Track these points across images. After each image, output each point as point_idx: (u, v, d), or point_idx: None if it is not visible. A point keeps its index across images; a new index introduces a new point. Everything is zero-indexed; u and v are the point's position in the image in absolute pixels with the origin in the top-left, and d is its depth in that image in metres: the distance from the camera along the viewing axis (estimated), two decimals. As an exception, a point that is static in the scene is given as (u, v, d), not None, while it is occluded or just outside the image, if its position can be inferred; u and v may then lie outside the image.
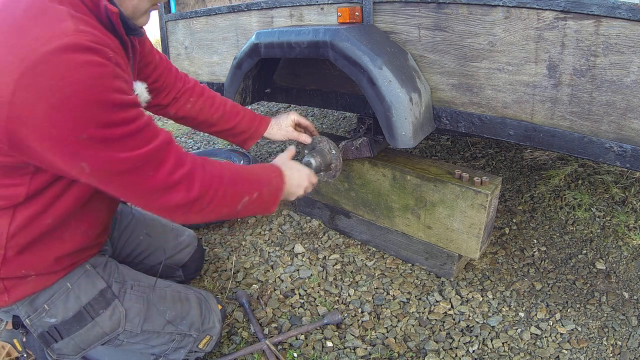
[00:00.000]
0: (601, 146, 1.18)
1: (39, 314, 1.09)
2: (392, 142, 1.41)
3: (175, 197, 0.96)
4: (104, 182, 0.90)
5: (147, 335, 1.21)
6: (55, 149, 0.82)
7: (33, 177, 0.94)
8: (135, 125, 0.88)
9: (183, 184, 0.96)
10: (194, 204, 0.99)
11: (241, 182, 1.09)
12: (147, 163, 0.90)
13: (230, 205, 1.07)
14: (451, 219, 1.64)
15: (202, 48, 2.21)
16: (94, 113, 0.80)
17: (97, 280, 1.16)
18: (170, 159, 0.95)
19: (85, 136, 0.81)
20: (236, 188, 1.07)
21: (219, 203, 1.04)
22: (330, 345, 1.49)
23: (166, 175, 0.93)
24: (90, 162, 0.84)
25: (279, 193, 1.22)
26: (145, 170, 0.91)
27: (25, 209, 0.97)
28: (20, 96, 0.76)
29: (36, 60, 0.75)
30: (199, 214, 1.02)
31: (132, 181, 0.91)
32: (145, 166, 0.90)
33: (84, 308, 1.11)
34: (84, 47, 0.79)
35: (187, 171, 0.97)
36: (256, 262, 1.93)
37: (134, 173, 0.90)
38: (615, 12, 1.04)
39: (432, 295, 1.69)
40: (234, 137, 1.57)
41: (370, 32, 1.46)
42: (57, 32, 0.78)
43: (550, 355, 1.43)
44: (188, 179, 0.97)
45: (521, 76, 1.27)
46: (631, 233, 1.95)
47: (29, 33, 0.78)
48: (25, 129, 0.79)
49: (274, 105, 4.26)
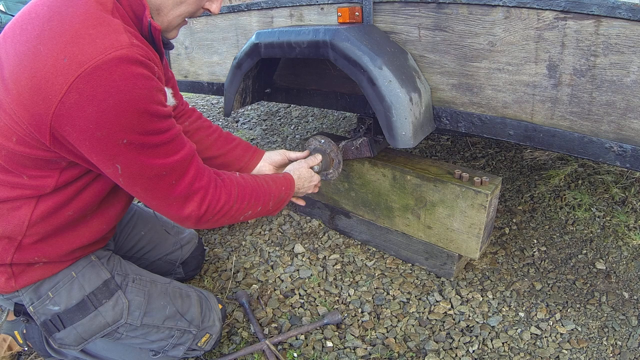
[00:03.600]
0: (601, 146, 1.18)
1: (43, 301, 1.10)
2: (392, 142, 1.41)
3: (189, 207, 1.04)
4: (131, 183, 0.96)
5: (147, 329, 1.21)
6: (96, 149, 0.88)
7: (63, 171, 0.99)
8: (169, 134, 0.96)
9: (198, 197, 1.05)
10: (203, 215, 1.07)
11: (249, 199, 1.19)
12: (173, 171, 0.99)
13: (234, 218, 1.17)
14: (451, 219, 1.64)
15: (202, 48, 2.21)
16: (138, 121, 0.87)
17: (102, 270, 1.18)
18: (192, 170, 1.03)
19: (126, 140, 0.88)
20: (242, 204, 1.17)
21: (224, 215, 1.13)
22: (330, 345, 1.49)
23: (187, 185, 1.02)
24: (125, 164, 0.91)
25: (282, 204, 1.33)
26: (170, 178, 0.99)
27: (49, 200, 1.01)
28: (71, 97, 0.82)
29: (94, 67, 0.81)
30: (206, 223, 1.11)
31: (157, 186, 0.98)
32: (172, 174, 0.99)
33: (87, 297, 1.13)
34: (136, 60, 0.86)
35: (203, 185, 1.06)
36: (256, 262, 1.93)
37: (161, 179, 0.97)
38: (615, 12, 1.04)
39: (432, 295, 1.69)
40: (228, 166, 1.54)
41: (370, 32, 1.46)
42: (115, 43, 0.84)
43: (550, 355, 1.43)
44: (203, 192, 1.06)
45: (521, 76, 1.27)
46: (631, 233, 1.95)
47: (87, 41, 0.83)
48: (70, 127, 0.85)
49: (274, 105, 4.26)
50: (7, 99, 0.88)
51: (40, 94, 0.83)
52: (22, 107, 0.86)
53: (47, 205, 1.01)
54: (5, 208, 1.01)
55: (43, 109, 0.84)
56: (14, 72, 0.86)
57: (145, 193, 0.99)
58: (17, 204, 1.00)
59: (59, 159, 0.96)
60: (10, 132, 0.91)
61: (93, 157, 0.90)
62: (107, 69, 0.81)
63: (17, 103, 0.86)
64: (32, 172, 0.97)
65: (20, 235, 1.02)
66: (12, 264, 1.05)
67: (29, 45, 0.85)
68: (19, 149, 0.92)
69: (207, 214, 1.07)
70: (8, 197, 0.99)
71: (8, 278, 1.06)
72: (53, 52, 0.82)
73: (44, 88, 0.82)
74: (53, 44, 0.83)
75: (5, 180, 0.98)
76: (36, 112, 0.85)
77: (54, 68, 0.82)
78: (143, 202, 1.03)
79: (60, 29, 0.84)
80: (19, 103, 0.86)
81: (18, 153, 0.93)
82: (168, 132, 0.95)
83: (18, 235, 1.02)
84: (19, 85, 0.85)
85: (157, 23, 0.99)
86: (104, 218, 1.16)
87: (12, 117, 0.89)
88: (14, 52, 0.87)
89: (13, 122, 0.89)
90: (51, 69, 0.82)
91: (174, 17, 1.03)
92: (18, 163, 0.95)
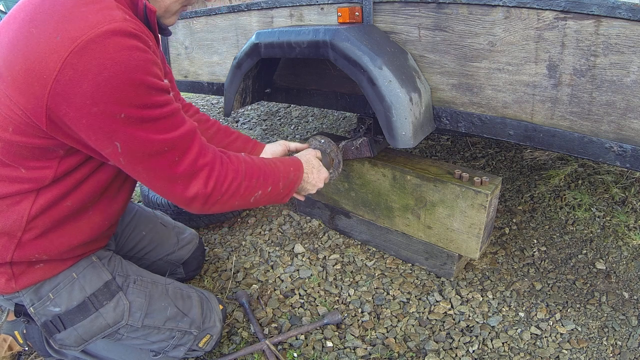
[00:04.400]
0: (601, 146, 1.18)
1: (44, 302, 1.10)
2: (392, 142, 1.41)
3: (195, 186, 1.00)
4: (132, 162, 0.93)
5: (148, 330, 1.21)
6: (94, 126, 0.85)
7: (61, 160, 0.97)
8: (168, 109, 0.93)
9: (203, 173, 1.01)
10: (211, 194, 1.03)
11: (257, 176, 1.14)
12: (175, 147, 0.95)
13: (244, 198, 1.12)
14: (451, 219, 1.64)
15: (202, 48, 2.21)
16: (135, 93, 0.85)
17: (103, 272, 1.17)
18: (194, 147, 0.99)
19: (123, 115, 0.85)
20: (251, 182, 1.12)
21: (233, 194, 1.08)
22: (330, 345, 1.49)
23: (191, 162, 0.98)
24: (124, 141, 0.88)
25: (293, 187, 1.29)
26: (172, 155, 0.95)
27: (48, 192, 1.00)
28: (66, 73, 0.80)
29: (87, 40, 0.79)
30: (215, 205, 1.06)
31: (159, 164, 0.95)
32: (173, 150, 0.95)
33: (88, 298, 1.12)
34: (130, 33, 0.84)
35: (208, 161, 1.02)
36: (256, 262, 1.93)
37: (162, 156, 0.94)
38: (615, 12, 1.04)
39: (432, 295, 1.69)
40: None
41: (370, 32, 1.46)
42: (108, 17, 0.83)
43: (550, 355, 1.43)
44: (208, 169, 1.01)
45: (521, 76, 1.27)
46: (631, 233, 1.95)
47: (79, 17, 0.82)
48: (66, 106, 0.83)
49: (274, 105, 4.26)
50: (2, 86, 0.86)
51: (35, 75, 0.81)
52: (18, 92, 0.84)
53: (46, 198, 0.99)
54: (4, 204, 0.99)
55: (38, 90, 0.82)
56: (7, 59, 0.85)
57: (148, 173, 0.96)
58: (16, 199, 0.99)
59: (57, 146, 0.94)
60: (7, 122, 0.89)
61: (91, 137, 0.88)
62: (100, 42, 0.80)
63: (12, 88, 0.85)
64: (30, 164, 0.95)
65: (20, 231, 1.00)
66: (13, 263, 1.04)
67: (22, 30, 0.84)
68: (16, 139, 0.91)
69: (215, 193, 1.03)
70: (7, 192, 0.98)
71: (8, 279, 1.05)
72: (45, 32, 0.81)
73: (38, 69, 0.81)
74: (45, 24, 0.82)
75: (3, 175, 0.97)
76: (32, 95, 0.83)
77: (47, 47, 0.80)
78: (148, 186, 1.00)
79: (52, 9, 0.83)
80: (14, 88, 0.85)
81: (15, 143, 0.91)
82: (166, 106, 0.92)
83: (17, 232, 1.00)
84: (13, 70, 0.84)
85: (152, 5, 0.98)
86: (105, 213, 1.14)
87: (7, 105, 0.87)
88: (6, 40, 0.86)
89: (9, 110, 0.87)
90: (44, 49, 0.80)
91: (171, 2, 1.02)
92: (16, 154, 0.94)
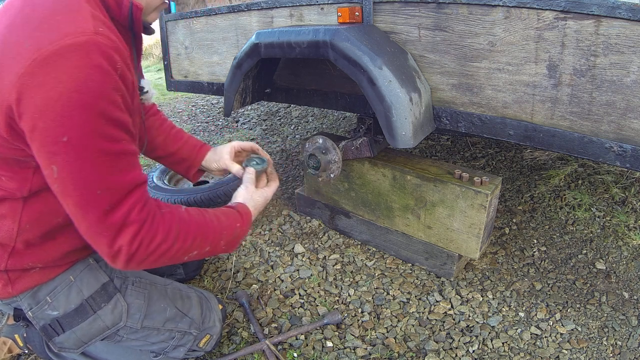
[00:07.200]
0: (601, 146, 1.18)
1: (42, 306, 1.09)
2: (392, 142, 1.41)
3: (120, 240, 0.89)
4: (64, 193, 0.85)
5: (147, 331, 1.21)
6: (37, 142, 0.80)
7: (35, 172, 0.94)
8: (118, 147, 0.85)
9: (132, 229, 0.89)
10: (136, 253, 0.92)
11: (194, 237, 1.02)
12: (112, 193, 0.86)
13: (175, 259, 1.01)
14: (451, 219, 1.64)
15: (202, 48, 2.21)
16: (84, 118, 0.79)
17: (100, 274, 1.16)
18: (132, 198, 0.90)
19: (66, 138, 0.79)
20: (185, 243, 1.00)
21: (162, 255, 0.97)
22: (330, 345, 1.49)
23: (124, 214, 0.88)
24: (61, 167, 0.81)
25: (238, 241, 1.16)
26: (106, 200, 0.86)
27: (34, 204, 0.98)
28: (25, 81, 0.77)
29: (51, 52, 0.76)
30: (141, 264, 0.94)
31: (91, 204, 0.85)
32: (109, 195, 0.86)
33: (86, 301, 1.12)
34: (98, 50, 0.79)
35: (141, 218, 0.91)
36: (256, 262, 1.93)
37: (97, 197, 0.85)
38: (615, 12, 1.04)
39: (432, 295, 1.69)
40: (177, 164, 1.45)
41: (370, 32, 1.46)
42: (79, 29, 0.79)
43: (550, 355, 1.43)
44: (137, 226, 0.90)
45: (521, 76, 1.27)
46: (631, 233, 1.95)
47: (53, 26, 0.79)
48: (21, 114, 0.79)
49: (274, 105, 4.26)
50: None
51: (2, 81, 0.80)
52: None
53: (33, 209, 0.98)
54: None
55: (2, 96, 0.80)
56: None
57: (77, 209, 0.86)
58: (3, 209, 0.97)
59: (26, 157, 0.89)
60: None
61: (36, 152, 0.82)
62: (63, 54, 0.76)
63: None
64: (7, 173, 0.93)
65: (12, 242, 0.99)
66: (8, 270, 1.03)
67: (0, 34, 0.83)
68: None
69: (139, 252, 0.91)
70: None
71: (4, 284, 1.04)
72: (19, 39, 0.80)
73: (6, 74, 0.79)
74: (20, 31, 0.81)
75: None
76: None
77: (17, 53, 0.79)
78: (74, 221, 0.89)
79: (31, 16, 0.82)
80: None
81: None
82: (116, 143, 0.84)
83: (10, 242, 0.99)
84: None
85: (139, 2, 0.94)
86: None
87: None
88: None
89: None
90: (15, 55, 0.79)
91: None
92: None
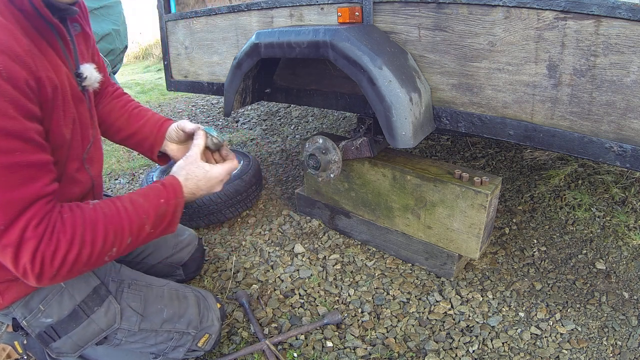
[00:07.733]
0: (601, 146, 1.18)
1: (35, 314, 1.09)
2: (392, 142, 1.41)
3: (22, 259, 0.83)
4: None
5: (145, 333, 1.21)
6: None
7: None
8: (10, 160, 0.78)
9: (29, 246, 0.82)
10: (42, 272, 0.85)
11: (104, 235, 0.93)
12: (3, 212, 0.79)
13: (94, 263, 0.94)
14: (451, 219, 1.64)
15: (202, 48, 2.21)
16: None
17: (91, 277, 1.17)
18: (28, 214, 0.82)
19: None
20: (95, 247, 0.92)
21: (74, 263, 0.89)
22: (330, 345, 1.49)
23: (20, 230, 0.81)
24: None
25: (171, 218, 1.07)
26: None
27: None
28: None
29: None
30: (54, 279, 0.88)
31: None
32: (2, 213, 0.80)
33: (78, 306, 1.12)
34: None
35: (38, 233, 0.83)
36: (256, 262, 1.93)
37: None
38: (615, 12, 1.04)
39: (432, 295, 1.69)
40: (140, 144, 1.36)
41: (370, 32, 1.46)
42: None
43: (550, 355, 1.43)
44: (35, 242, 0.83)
45: (521, 76, 1.27)
46: (631, 233, 1.95)
47: None
48: None
49: (274, 105, 4.26)
50: None
51: None
52: None
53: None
54: None
55: None
56: None
57: None
58: None
59: None
60: None
61: None
62: None
63: None
64: None
65: None
66: None
67: None
68: None
69: (45, 269, 0.84)
70: None
71: None
72: None
73: None
74: None
75: None
76: None
77: None
78: None
79: None
80: None
81: None
82: (9, 154, 0.78)
83: None
84: None
85: None
86: None
87: None
88: None
89: None
90: None
91: None
92: None
